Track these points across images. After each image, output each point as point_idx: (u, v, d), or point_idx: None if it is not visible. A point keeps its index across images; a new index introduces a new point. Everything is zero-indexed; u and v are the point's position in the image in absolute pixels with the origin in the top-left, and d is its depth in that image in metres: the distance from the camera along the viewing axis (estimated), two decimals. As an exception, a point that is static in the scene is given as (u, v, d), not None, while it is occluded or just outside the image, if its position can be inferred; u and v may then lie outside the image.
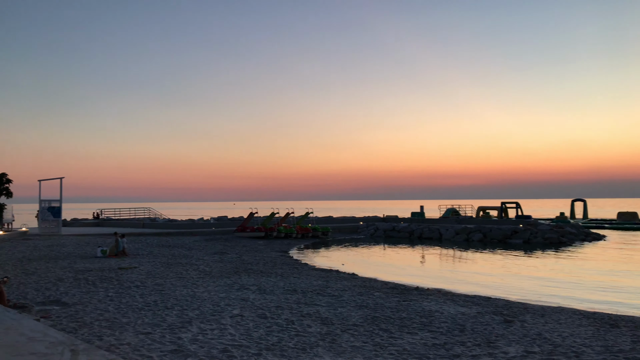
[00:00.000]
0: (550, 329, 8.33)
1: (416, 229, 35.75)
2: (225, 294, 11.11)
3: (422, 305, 10.44)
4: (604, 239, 32.51)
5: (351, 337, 7.48)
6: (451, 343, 7.23)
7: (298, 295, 11.35)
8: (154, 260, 18.07)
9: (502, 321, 8.93)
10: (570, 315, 9.90)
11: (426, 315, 9.26)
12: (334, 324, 8.34)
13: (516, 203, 48.04)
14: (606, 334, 8.10)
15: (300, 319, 8.67)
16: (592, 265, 20.48)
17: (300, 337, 7.40)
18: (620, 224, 44.84)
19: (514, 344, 7.22)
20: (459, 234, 33.45)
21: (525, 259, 22.58)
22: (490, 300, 11.85)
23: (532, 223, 34.66)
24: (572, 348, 7.04)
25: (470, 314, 9.60)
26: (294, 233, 32.16)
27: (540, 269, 19.49)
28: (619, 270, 18.97)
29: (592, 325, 8.84)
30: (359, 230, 38.79)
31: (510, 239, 31.43)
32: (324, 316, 8.94)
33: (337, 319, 8.70)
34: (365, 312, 9.43)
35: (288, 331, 7.73)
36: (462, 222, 38.39)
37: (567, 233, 31.60)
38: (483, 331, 8.06)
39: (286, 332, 7.69)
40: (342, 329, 7.99)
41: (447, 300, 11.22)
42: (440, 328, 8.22)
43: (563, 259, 22.45)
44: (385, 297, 11.47)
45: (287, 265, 18.23)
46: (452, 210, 48.97)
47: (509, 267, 20.07)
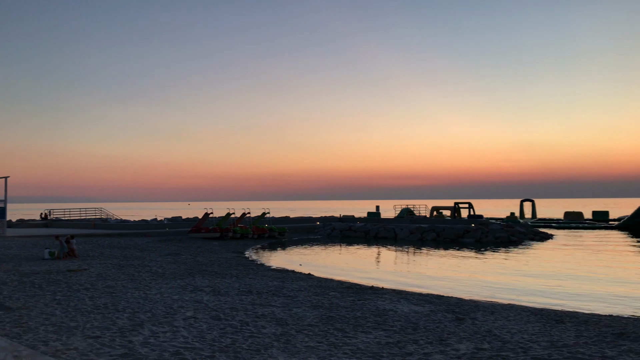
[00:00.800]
0: (500, 326, 8.56)
1: (372, 229, 36.11)
2: (178, 296, 10.92)
3: (377, 304, 10.55)
4: (551, 238, 33.68)
5: (306, 337, 7.49)
6: (404, 341, 7.33)
7: (253, 296, 11.28)
8: (105, 261, 17.60)
9: (454, 319, 9.11)
10: (519, 312, 10.21)
11: (380, 314, 9.36)
12: (288, 324, 8.32)
13: (468, 203, 49.24)
14: (552, 329, 8.39)
15: (254, 320, 8.62)
16: (540, 263, 21.17)
17: (255, 338, 7.35)
18: (566, 223, 46.59)
19: (465, 341, 7.38)
20: (413, 233, 33.99)
21: (476, 258, 23.14)
22: (443, 298, 12.08)
23: (483, 223, 35.57)
24: (520, 344, 7.25)
25: (423, 312, 9.76)
26: (250, 233, 31.94)
27: (491, 267, 20.02)
28: (565, 267, 19.69)
29: (539, 321, 9.13)
30: (316, 231, 38.88)
31: (462, 238, 32.16)
32: (279, 317, 8.91)
33: (292, 320, 8.69)
34: (321, 312, 9.45)
35: (242, 332, 7.67)
36: (417, 221, 39.04)
37: (516, 232, 32.58)
38: (435, 329, 8.21)
39: (240, 333, 7.62)
40: (297, 329, 7.98)
41: (401, 299, 11.37)
42: (394, 327, 8.32)
43: (513, 258, 23.13)
44: (340, 296, 11.53)
45: (243, 266, 18.09)
46: (407, 210, 49.74)
47: (461, 265, 20.53)
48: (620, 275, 17.58)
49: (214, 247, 25.62)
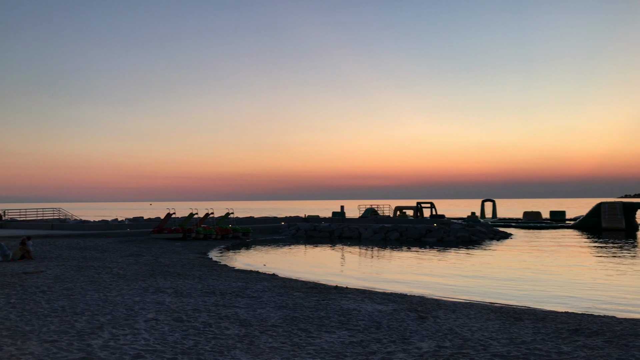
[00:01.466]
0: (461, 324, 8.72)
1: (336, 229, 36.25)
2: (139, 298, 10.72)
3: (341, 304, 10.59)
4: (510, 237, 34.49)
5: (270, 338, 7.45)
6: (368, 340, 7.38)
7: (216, 297, 11.16)
8: (64, 263, 17.13)
9: (417, 317, 9.23)
10: (479, 310, 10.41)
11: (344, 314, 9.40)
12: (252, 325, 8.27)
13: (431, 203, 49.96)
14: (511, 326, 8.59)
15: (218, 321, 8.53)
16: (500, 262, 21.66)
17: (218, 339, 7.27)
18: (525, 223, 47.80)
19: (427, 340, 7.48)
20: (377, 233, 34.28)
21: (438, 257, 23.50)
22: (406, 297, 12.22)
23: (445, 222, 36.16)
24: (481, 341, 7.40)
25: (387, 311, 9.85)
26: (214, 234, 31.62)
27: (453, 266, 20.36)
28: (523, 266, 20.19)
29: (498, 319, 9.33)
30: (281, 231, 38.78)
31: (425, 237, 32.62)
32: (242, 318, 8.84)
33: (256, 321, 8.64)
34: (285, 313, 9.43)
35: (205, 334, 7.58)
36: (380, 221, 39.38)
37: (477, 232, 33.24)
38: (398, 328, 8.30)
39: (203, 335, 7.53)
40: (260, 330, 7.94)
41: (364, 299, 11.45)
42: (358, 326, 8.37)
43: (473, 256, 23.59)
44: (304, 297, 11.53)
45: (206, 267, 17.89)
46: (371, 210, 50.14)
47: (423, 264, 20.81)
48: (576, 273, 18.14)
49: (177, 247, 25.26)
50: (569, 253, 25.02)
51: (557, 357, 6.53)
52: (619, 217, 41.33)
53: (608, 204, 42.49)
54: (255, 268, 18.88)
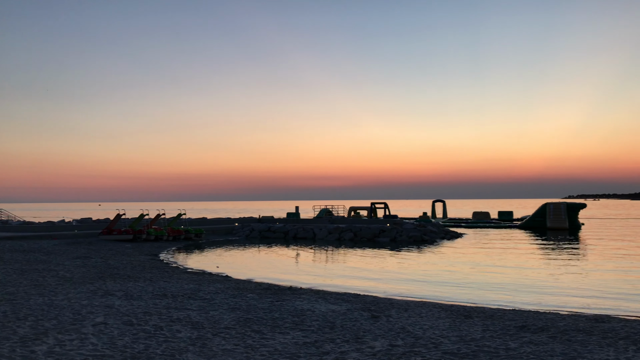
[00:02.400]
0: (413, 323, 8.86)
1: (291, 229, 36.21)
2: (87, 301, 10.39)
3: (295, 304, 10.58)
4: (461, 237, 35.32)
5: (222, 340, 7.37)
6: (321, 341, 7.40)
7: (168, 299, 10.95)
8: (5, 266, 16.41)
9: (370, 317, 9.32)
10: (431, 308, 10.61)
11: (298, 315, 9.40)
12: (205, 327, 8.15)
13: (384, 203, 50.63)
14: (461, 324, 8.79)
15: (169, 324, 8.37)
16: (450, 261, 22.14)
17: (169, 343, 7.13)
18: (474, 223, 49.07)
19: (380, 338, 7.57)
20: (331, 233, 34.44)
21: (391, 256, 23.82)
22: (360, 297, 12.32)
23: (398, 222, 36.68)
24: (432, 339, 7.54)
25: (341, 311, 9.91)
26: (165, 235, 31.01)
27: (405, 265, 20.68)
28: (473, 265, 20.71)
29: (449, 317, 9.54)
30: (234, 232, 38.41)
31: (378, 237, 33.00)
32: (194, 320, 8.70)
33: (209, 323, 8.52)
34: (238, 314, 9.34)
35: (156, 337, 7.42)
36: (335, 222, 39.59)
37: (429, 231, 33.88)
38: (352, 327, 8.35)
39: (154, 338, 7.37)
40: (213, 332, 7.84)
41: (318, 299, 11.48)
42: (312, 326, 8.38)
43: (425, 256, 24.03)
44: (258, 298, 11.46)
45: (157, 269, 17.52)
46: (326, 210, 50.34)
47: (377, 264, 21.04)
48: (522, 272, 18.75)
49: (127, 249, 24.64)
50: (516, 252, 25.83)
51: (504, 354, 6.73)
52: (563, 217, 42.98)
53: (553, 204, 44.12)
54: (208, 270, 18.63)
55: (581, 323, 9.04)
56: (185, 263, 20.99)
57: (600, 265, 20.55)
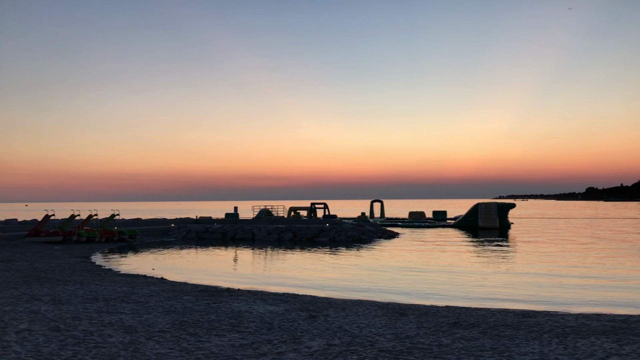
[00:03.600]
0: (350, 321, 8.96)
1: (229, 230, 35.79)
2: (10, 307, 9.85)
3: (232, 306, 10.46)
4: (397, 236, 36.08)
5: (156, 344, 7.17)
6: (258, 342, 7.35)
7: (99, 303, 10.55)
8: None
9: (308, 317, 9.35)
10: (368, 307, 10.77)
11: (235, 316, 9.29)
12: (138, 331, 7.91)
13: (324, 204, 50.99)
14: (396, 322, 8.97)
15: (100, 329, 8.06)
16: (387, 259, 22.57)
17: (100, 348, 6.87)
18: (410, 222, 50.25)
19: (317, 338, 7.60)
20: (271, 233, 34.31)
21: (330, 256, 24.00)
22: (298, 297, 12.34)
23: (337, 222, 37.03)
24: (368, 338, 7.65)
25: (279, 311, 9.88)
26: (97, 237, 29.88)
27: (344, 264, 20.90)
28: (408, 263, 21.20)
29: (385, 315, 9.71)
30: (170, 233, 37.52)
31: (317, 237, 33.18)
32: (127, 324, 8.43)
33: (142, 327, 8.27)
34: (173, 317, 9.13)
35: (86, 343, 7.13)
36: (274, 222, 39.47)
37: (367, 231, 34.40)
38: (289, 328, 8.35)
39: (83, 344, 7.08)
40: (146, 336, 7.62)
41: (256, 300, 11.40)
42: (249, 328, 8.31)
43: (363, 255, 24.38)
44: (195, 300, 11.25)
45: (88, 271, 16.86)
46: (265, 211, 50.11)
47: (316, 264, 21.15)
48: (455, 269, 19.37)
49: (56, 252, 23.56)
50: (449, 250, 26.66)
51: (437, 350, 6.92)
52: (494, 216, 44.74)
53: (484, 204, 45.84)
54: (142, 272, 18.10)
55: (509, 318, 9.43)
56: (119, 265, 20.31)
57: (528, 262, 21.54)
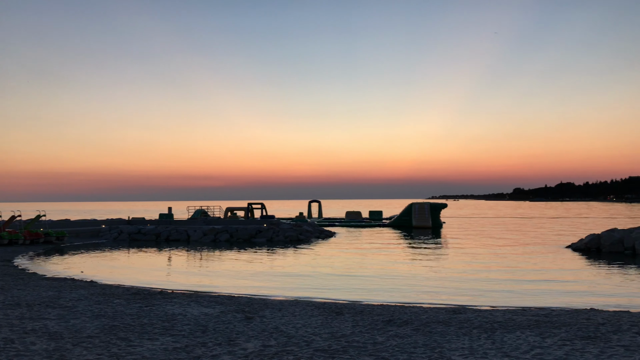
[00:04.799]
0: (286, 322, 8.94)
1: (163, 231, 34.91)
2: None
3: (166, 309, 10.19)
4: (334, 236, 36.40)
5: (84, 350, 6.88)
6: (192, 345, 7.20)
7: (22, 309, 10.00)
8: None
9: (244, 318, 9.25)
10: (304, 307, 10.79)
11: (169, 319, 9.06)
12: (64, 338, 7.56)
13: (261, 204, 50.70)
14: (332, 321, 9.04)
15: (22, 336, 7.64)
16: (324, 259, 22.72)
17: (21, 357, 6.51)
18: (347, 222, 50.82)
19: (253, 340, 7.53)
20: (206, 234, 33.75)
21: (267, 257, 23.89)
22: (234, 298, 12.19)
23: (275, 223, 36.92)
24: (304, 338, 7.66)
25: (214, 313, 9.72)
26: (21, 239, 28.37)
27: (281, 265, 20.86)
28: (345, 262, 21.43)
29: (321, 315, 9.76)
30: (101, 234, 36.16)
31: (255, 238, 32.96)
32: (52, 330, 8.03)
33: (69, 333, 7.91)
34: (103, 322, 8.78)
35: (6, 352, 6.73)
36: (210, 223, 38.86)
37: (304, 231, 34.50)
38: (225, 330, 8.23)
39: (3, 353, 6.68)
40: (73, 342, 7.29)
41: (191, 302, 11.17)
42: (183, 331, 8.13)
43: (300, 255, 24.42)
44: (126, 303, 10.88)
45: (10, 275, 15.96)
46: (201, 211, 49.26)
47: (253, 265, 20.99)
48: (390, 268, 19.76)
49: (-26, 255, 22.15)
50: (384, 249, 27.18)
51: (372, 348, 7.02)
52: (427, 216, 46.03)
53: (418, 204, 47.06)
54: (70, 275, 17.34)
55: (441, 315, 9.71)
56: (45, 268, 19.35)
57: (458, 260, 22.29)
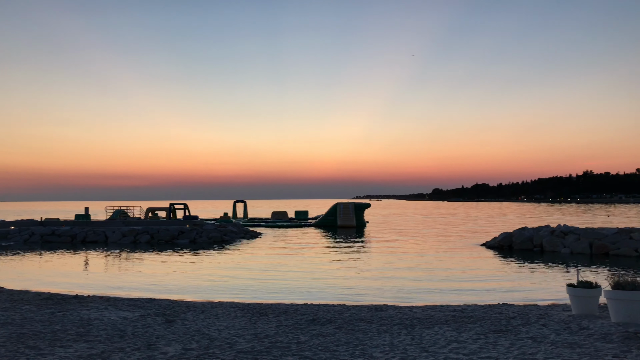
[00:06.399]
0: (209, 324, 8.78)
1: (79, 233, 33.30)
2: None
3: (81, 314, 9.72)
4: (260, 236, 36.20)
5: (-12, 361, 6.43)
6: (109, 351, 6.91)
7: None
8: None
9: (164, 321, 9.00)
10: (228, 308, 10.64)
11: (84, 325, 8.65)
12: (-35, 348, 7.02)
13: (184, 204, 49.57)
14: (256, 322, 8.98)
15: None
16: (249, 260, 22.54)
17: None
18: (273, 222, 50.71)
19: (174, 343, 7.34)
20: (126, 236, 32.55)
21: (190, 258, 23.38)
22: (154, 301, 11.83)
23: (198, 223, 36.20)
24: (227, 340, 7.56)
25: (133, 317, 9.39)
26: None
27: (204, 266, 20.48)
28: (270, 263, 21.37)
29: (245, 316, 9.67)
30: (9, 236, 33.93)
31: (177, 239, 32.16)
32: (-48, 341, 7.44)
33: (-29, 342, 7.36)
34: (10, 330, 8.24)
35: None
36: (130, 223, 37.51)
37: (229, 232, 34.07)
38: (144, 334, 7.96)
39: None
40: (-24, 353, 6.79)
41: (108, 306, 10.72)
42: (99, 337, 7.78)
43: (225, 256, 24.09)
44: (37, 309, 10.27)
45: None
46: (120, 211, 47.49)
47: (175, 266, 20.47)
48: (315, 267, 19.92)
49: None
50: (310, 249, 27.35)
51: (295, 347, 7.04)
52: (351, 215, 46.81)
53: (342, 204, 47.76)
54: (-26, 281, 16.15)
55: (364, 313, 9.90)
56: (-56, 274, 17.91)
57: (381, 258, 22.83)
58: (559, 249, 24.20)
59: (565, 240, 24.55)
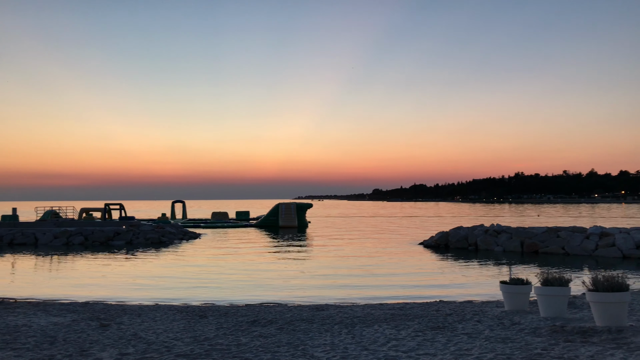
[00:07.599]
0: (146, 328, 8.54)
1: (6, 234, 31.59)
2: None
3: (7, 320, 9.22)
4: (199, 237, 35.58)
5: None
6: (38, 359, 6.59)
7: None
8: None
9: (99, 326, 8.67)
10: (166, 311, 10.39)
11: (10, 332, 8.20)
12: None
13: (120, 204, 48.10)
14: (196, 325, 8.81)
15: None
16: (187, 261, 22.11)
17: None
18: (213, 223, 49.97)
19: (109, 348, 7.09)
20: (57, 237, 31.17)
21: (127, 260, 22.68)
22: (88, 305, 11.39)
23: (135, 224, 35.16)
24: (165, 343, 7.37)
25: (64, 323, 9.00)
26: None
27: (141, 268, 19.91)
28: (209, 264, 21.05)
29: (184, 318, 9.47)
30: None
31: (112, 240, 31.13)
32: None
33: None
34: None
35: None
36: (62, 224, 35.96)
37: (167, 233, 33.28)
38: (77, 340, 7.65)
39: None
40: None
41: (38, 312, 10.23)
42: (27, 344, 7.40)
43: (162, 258, 23.52)
44: (-42, 317, 9.65)
45: None
46: (52, 212, 45.51)
47: (110, 269, 19.79)
48: (256, 268, 19.79)
49: None
50: (250, 250, 27.14)
51: (236, 349, 6.96)
52: (293, 216, 46.81)
53: (284, 204, 47.69)
54: None
55: (305, 313, 9.92)
56: None
57: (322, 258, 22.97)
58: (492, 248, 25.15)
59: (498, 239, 25.55)
